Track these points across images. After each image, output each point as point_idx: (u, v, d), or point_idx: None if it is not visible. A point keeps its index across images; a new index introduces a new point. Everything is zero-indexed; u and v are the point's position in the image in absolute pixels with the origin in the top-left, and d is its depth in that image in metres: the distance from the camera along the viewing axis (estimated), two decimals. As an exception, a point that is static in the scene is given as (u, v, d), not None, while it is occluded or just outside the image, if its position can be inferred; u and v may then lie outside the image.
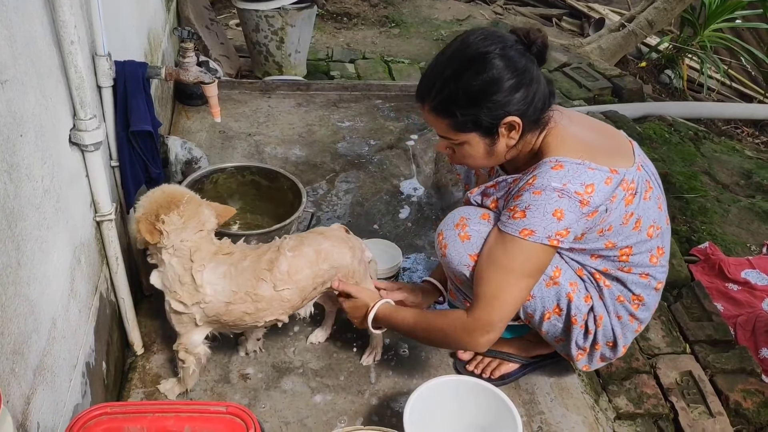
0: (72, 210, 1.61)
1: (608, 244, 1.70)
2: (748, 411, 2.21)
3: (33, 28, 1.38)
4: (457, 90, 1.57)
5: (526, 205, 1.60)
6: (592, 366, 1.95)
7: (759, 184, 3.72)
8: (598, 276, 1.79)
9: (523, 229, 1.60)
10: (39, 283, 1.36)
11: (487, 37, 1.58)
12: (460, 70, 1.57)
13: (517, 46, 1.58)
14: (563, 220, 1.58)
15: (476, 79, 1.55)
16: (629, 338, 1.90)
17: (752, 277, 2.86)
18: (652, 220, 1.72)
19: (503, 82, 1.55)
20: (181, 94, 3.51)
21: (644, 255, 1.76)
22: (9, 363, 1.18)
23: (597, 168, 1.60)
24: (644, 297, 1.82)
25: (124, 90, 1.88)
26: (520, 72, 1.56)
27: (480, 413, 1.79)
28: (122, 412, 1.37)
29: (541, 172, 1.61)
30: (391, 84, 4.07)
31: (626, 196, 1.64)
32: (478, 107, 1.57)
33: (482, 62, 1.55)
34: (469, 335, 1.71)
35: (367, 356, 2.11)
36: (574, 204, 1.58)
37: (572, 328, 1.81)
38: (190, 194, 1.84)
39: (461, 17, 5.93)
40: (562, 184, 1.58)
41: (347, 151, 3.32)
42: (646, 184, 1.70)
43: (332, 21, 5.62)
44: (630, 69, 5.45)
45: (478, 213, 1.76)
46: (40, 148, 1.40)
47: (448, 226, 1.79)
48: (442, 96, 1.60)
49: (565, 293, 1.76)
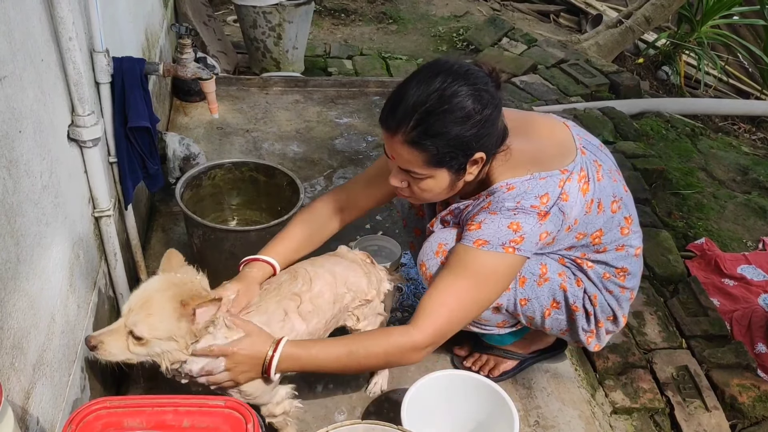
0: (70, 206, 1.61)
1: (579, 236, 1.71)
2: (744, 405, 2.22)
3: (31, 24, 1.39)
4: (439, 125, 1.51)
5: (482, 219, 1.62)
6: (602, 344, 1.95)
7: (755, 180, 3.73)
8: (579, 261, 1.80)
9: (477, 240, 1.61)
10: (38, 279, 1.36)
11: (462, 73, 1.53)
12: (440, 105, 1.50)
13: (489, 83, 1.55)
14: (518, 231, 1.59)
15: (456, 115, 1.51)
16: (626, 307, 1.91)
17: (748, 273, 2.88)
18: (611, 195, 1.72)
19: (478, 122, 1.53)
20: (178, 90, 3.51)
21: (615, 231, 1.76)
22: (9, 358, 1.19)
23: (548, 175, 1.61)
24: (627, 267, 1.83)
25: (122, 86, 1.88)
26: (492, 110, 1.54)
27: (477, 407, 1.80)
28: (121, 406, 1.37)
29: (495, 198, 1.63)
30: (389, 80, 4.07)
31: (581, 187, 1.64)
32: (457, 144, 1.53)
33: (460, 99, 1.50)
34: (417, 351, 1.62)
35: (373, 386, 2.00)
36: (530, 217, 1.59)
37: (575, 315, 1.82)
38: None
39: (459, 13, 5.93)
40: (516, 203, 1.60)
41: (345, 147, 3.33)
42: (594, 165, 1.69)
43: (330, 17, 5.62)
44: (627, 65, 5.46)
45: (453, 235, 1.74)
46: (39, 144, 1.40)
47: (429, 256, 1.76)
48: (421, 129, 1.51)
49: (558, 285, 1.77)
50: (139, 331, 1.41)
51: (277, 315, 1.65)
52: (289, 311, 1.66)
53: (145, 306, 1.43)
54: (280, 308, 1.66)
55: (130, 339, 1.42)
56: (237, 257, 2.14)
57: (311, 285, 1.72)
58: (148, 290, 1.47)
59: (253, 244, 2.16)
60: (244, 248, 2.15)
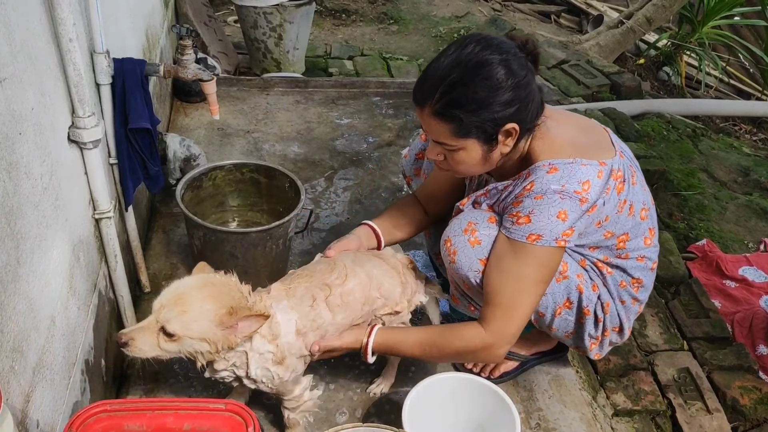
0: (71, 207, 1.61)
1: (607, 234, 1.72)
2: (746, 407, 2.22)
3: (31, 25, 1.38)
4: (462, 95, 1.55)
5: (530, 210, 1.61)
6: (603, 353, 1.95)
7: (757, 181, 3.73)
8: (600, 265, 1.80)
9: (530, 234, 1.61)
10: (38, 281, 1.36)
11: (489, 44, 1.56)
12: (465, 76, 1.55)
13: (519, 55, 1.58)
14: (567, 220, 1.59)
15: (482, 85, 1.54)
16: (632, 320, 1.92)
17: (750, 274, 2.87)
18: (642, 202, 1.75)
19: (507, 91, 1.55)
20: (179, 91, 3.51)
21: (639, 239, 1.78)
22: (9, 361, 1.19)
23: (588, 163, 1.62)
24: (643, 279, 1.84)
25: (123, 87, 1.88)
26: (521, 80, 1.56)
27: (478, 410, 1.79)
28: (122, 409, 1.37)
29: (538, 177, 1.62)
30: (390, 81, 4.06)
31: (617, 185, 1.66)
32: (483, 113, 1.56)
33: (487, 69, 1.54)
34: (488, 351, 1.69)
35: (377, 386, 2.02)
36: (574, 203, 1.59)
37: (585, 319, 1.82)
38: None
39: (460, 14, 5.93)
40: (561, 186, 1.59)
41: (345, 148, 3.32)
42: (630, 170, 1.72)
43: (330, 17, 5.62)
44: (628, 66, 5.45)
45: (485, 217, 1.74)
46: (39, 146, 1.40)
47: (456, 232, 1.76)
48: (445, 100, 1.56)
49: (575, 286, 1.77)
50: (172, 327, 1.42)
51: (306, 300, 1.67)
52: (318, 299, 1.68)
53: (179, 303, 1.44)
54: (308, 294, 1.67)
55: (161, 335, 1.43)
56: (237, 259, 2.15)
57: (345, 280, 1.72)
58: (183, 287, 1.48)
59: (253, 245, 2.16)
60: (245, 250, 2.15)
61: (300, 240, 2.61)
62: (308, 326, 1.65)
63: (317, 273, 1.73)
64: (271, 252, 2.21)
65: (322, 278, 1.71)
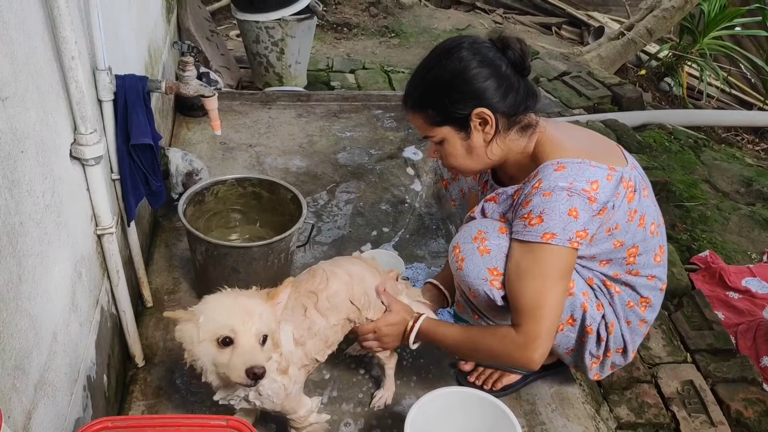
0: (73, 224, 1.61)
1: (616, 243, 1.70)
2: (750, 420, 2.21)
3: (34, 44, 1.39)
4: (427, 83, 1.66)
5: (541, 210, 1.60)
6: (603, 374, 1.94)
7: (759, 192, 3.72)
8: (608, 283, 1.79)
9: (545, 234, 1.60)
10: (40, 298, 1.36)
11: (460, 36, 1.67)
12: (430, 65, 1.66)
13: (487, 45, 1.65)
14: (579, 219, 1.59)
15: (443, 69, 1.63)
16: (637, 342, 1.91)
17: (753, 286, 2.86)
18: (653, 217, 1.74)
19: (469, 71, 1.61)
20: (182, 106, 3.53)
21: (649, 255, 1.77)
22: (10, 379, 1.19)
23: (597, 165, 1.62)
24: (651, 298, 1.83)
25: (125, 103, 1.89)
26: (487, 65, 1.61)
27: (481, 424, 1.78)
28: (124, 426, 1.37)
29: (546, 175, 1.62)
30: (391, 94, 4.08)
31: (627, 194, 1.65)
32: (445, 97, 1.63)
33: (449, 54, 1.63)
34: (520, 352, 1.67)
35: (378, 399, 2.01)
36: (584, 201, 1.58)
37: (587, 337, 1.81)
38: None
39: (461, 27, 5.96)
40: (569, 183, 1.59)
41: (348, 161, 3.33)
42: (642, 183, 1.72)
43: (332, 31, 5.65)
44: (630, 77, 5.47)
45: (495, 226, 1.74)
46: (41, 164, 1.40)
47: (466, 240, 1.76)
48: (418, 91, 1.68)
49: (580, 304, 1.76)
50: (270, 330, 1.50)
51: (298, 310, 1.70)
52: (309, 307, 1.72)
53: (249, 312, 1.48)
54: (299, 305, 1.71)
55: (258, 345, 1.47)
56: (239, 273, 2.15)
57: (327, 284, 1.76)
58: (241, 301, 1.53)
59: (255, 260, 2.16)
60: (247, 264, 2.16)
61: (302, 253, 2.61)
62: (305, 335, 1.68)
63: (301, 283, 1.78)
64: (273, 266, 2.21)
65: (306, 287, 1.75)
